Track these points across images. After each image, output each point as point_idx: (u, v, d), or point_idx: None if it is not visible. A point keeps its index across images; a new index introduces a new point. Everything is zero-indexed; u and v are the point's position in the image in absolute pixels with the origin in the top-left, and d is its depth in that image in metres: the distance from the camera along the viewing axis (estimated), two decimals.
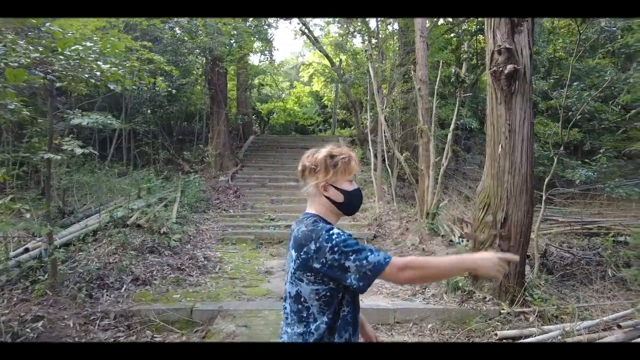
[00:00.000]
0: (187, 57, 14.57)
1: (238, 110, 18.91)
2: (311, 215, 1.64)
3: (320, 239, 1.48)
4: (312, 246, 1.49)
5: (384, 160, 11.91)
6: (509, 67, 5.08)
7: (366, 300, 5.08)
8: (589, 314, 4.69)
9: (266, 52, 19.69)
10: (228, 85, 18.31)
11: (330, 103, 23.93)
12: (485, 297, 4.98)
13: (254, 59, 20.89)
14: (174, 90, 12.42)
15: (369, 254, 1.46)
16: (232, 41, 14.58)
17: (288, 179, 12.76)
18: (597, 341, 3.76)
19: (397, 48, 15.38)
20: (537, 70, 12.18)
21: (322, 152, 1.65)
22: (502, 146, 5.20)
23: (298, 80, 24.94)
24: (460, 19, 16.53)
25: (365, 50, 11.48)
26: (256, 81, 20.55)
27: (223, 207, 11.15)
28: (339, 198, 1.64)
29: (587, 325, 4.09)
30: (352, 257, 1.45)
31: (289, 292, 1.58)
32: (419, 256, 1.51)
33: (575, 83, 6.93)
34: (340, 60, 19.27)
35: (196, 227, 9.42)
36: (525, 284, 5.08)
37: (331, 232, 1.50)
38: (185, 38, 13.52)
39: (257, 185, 12.63)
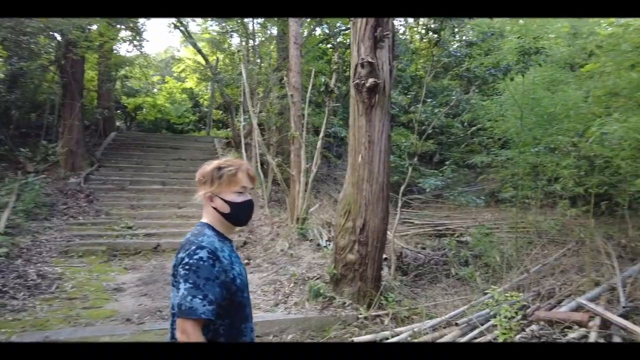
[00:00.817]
0: (35, 38, 12.44)
1: (99, 104, 16.86)
2: (202, 224, 1.70)
3: (188, 251, 1.54)
4: (181, 254, 1.56)
5: (261, 164, 11.73)
6: (370, 80, 5.31)
7: None
8: (435, 313, 5.11)
9: (135, 43, 17.96)
10: (88, 75, 16.20)
11: (205, 102, 22.92)
12: (345, 303, 5.11)
13: (121, 49, 18.89)
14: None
15: (200, 297, 1.48)
16: (90, 26, 12.90)
17: (152, 182, 11.73)
18: (439, 340, 4.07)
19: (275, 52, 15.38)
20: (402, 86, 13.29)
21: (213, 163, 1.71)
22: (362, 156, 5.41)
23: (171, 75, 23.34)
24: (336, 31, 17.32)
25: (239, 51, 11.18)
26: (121, 72, 18.59)
27: (71, 213, 9.71)
28: (225, 209, 1.69)
29: (432, 325, 4.43)
30: (187, 285, 1.49)
31: (173, 303, 1.56)
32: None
33: (429, 100, 7.67)
34: (217, 58, 18.57)
35: (33, 237, 8.01)
36: (382, 287, 5.35)
37: (197, 251, 1.54)
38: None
39: (116, 188, 11.33)
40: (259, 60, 15.01)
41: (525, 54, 6.28)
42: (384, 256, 6.00)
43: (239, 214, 1.73)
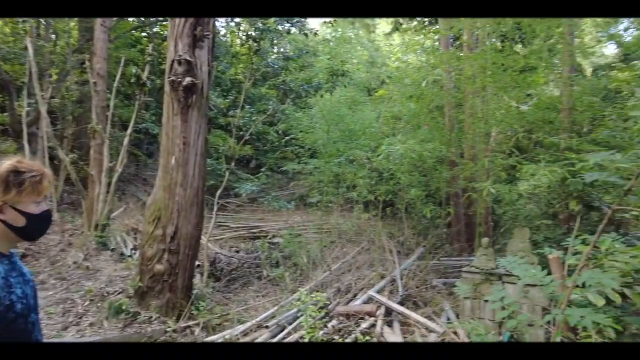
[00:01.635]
0: None
1: None
2: None
3: None
4: None
5: (51, 159, 9.86)
6: (188, 79, 5.05)
7: None
8: (247, 317, 5.16)
9: None
10: None
11: None
12: (152, 317, 4.70)
13: None
14: None
15: None
16: None
17: None
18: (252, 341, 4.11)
19: (76, 31, 13.21)
20: (221, 88, 13.12)
21: (4, 165, 1.38)
22: (175, 158, 5.10)
23: None
24: (152, 20, 15.97)
25: (24, 21, 9.22)
26: None
27: None
28: (19, 222, 1.40)
29: (243, 330, 4.45)
30: None
31: None
32: None
33: (248, 106, 7.78)
34: None
35: None
36: (192, 296, 5.13)
37: None
38: None
39: None
40: (53, 37, 12.68)
41: (334, 75, 6.98)
42: (197, 263, 5.79)
43: (37, 227, 1.46)
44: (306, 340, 3.76)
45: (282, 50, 8.97)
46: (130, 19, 15.27)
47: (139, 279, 4.94)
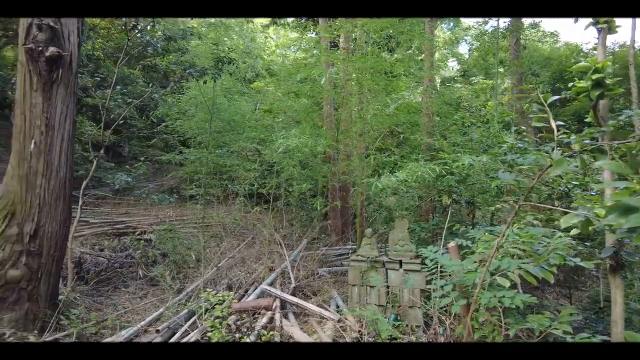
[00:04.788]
0: None
1: None
2: None
3: None
4: None
5: None
6: (52, 49, 4.29)
7: None
8: (128, 321, 4.65)
9: None
10: None
11: None
12: (5, 334, 3.89)
13: None
14: None
15: None
16: None
17: None
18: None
19: None
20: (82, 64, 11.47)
21: None
22: (35, 142, 4.30)
23: None
24: None
25: None
26: None
27: None
28: None
29: (129, 335, 4.00)
30: None
31: None
32: None
33: (118, 87, 6.91)
34: None
35: None
36: (60, 304, 4.41)
37: None
38: None
39: None
40: None
41: (220, 62, 6.66)
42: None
43: None
44: (214, 340, 3.55)
45: (163, 30, 8.18)
46: None
47: None
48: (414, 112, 8.21)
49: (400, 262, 4.93)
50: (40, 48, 4.25)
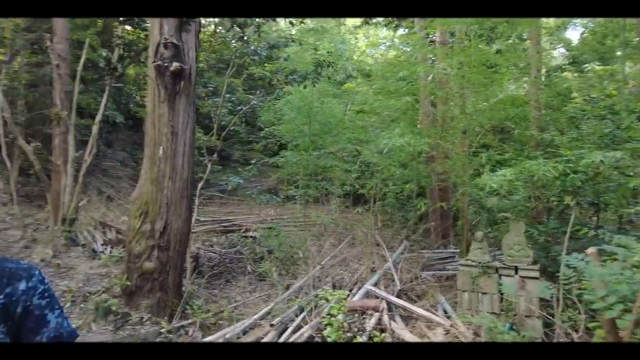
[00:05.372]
0: None
1: None
2: None
3: (34, 278, 1.15)
4: (22, 285, 1.12)
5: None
6: (175, 64, 4.74)
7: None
8: (241, 314, 4.97)
9: None
10: None
11: None
12: (143, 318, 4.41)
13: None
14: None
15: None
16: None
17: None
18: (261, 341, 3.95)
19: None
20: None
21: None
22: (163, 149, 4.79)
23: None
24: None
25: None
26: None
27: None
28: None
29: (244, 328, 4.27)
30: (57, 311, 1.18)
31: None
32: None
33: (228, 95, 7.46)
34: None
35: None
36: (184, 295, 4.87)
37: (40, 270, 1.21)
38: None
39: None
40: None
41: (319, 66, 6.82)
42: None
43: None
44: (332, 339, 3.64)
45: (266, 39, 8.69)
46: None
47: (126, 277, 4.61)
48: (521, 105, 7.59)
49: (516, 268, 4.58)
50: (166, 64, 4.72)
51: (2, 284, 1.09)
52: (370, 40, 24.40)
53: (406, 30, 12.62)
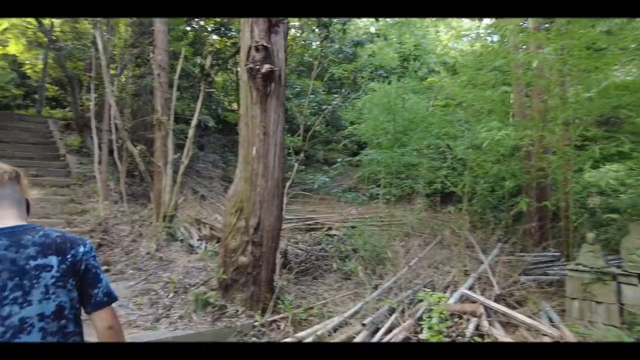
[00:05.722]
0: None
1: None
2: (38, 226, 1.50)
3: (88, 244, 1.52)
4: (82, 249, 1.49)
5: (111, 152, 10.09)
6: (266, 66, 4.88)
7: (93, 338, 3.85)
8: (330, 311, 4.98)
9: None
10: None
11: (35, 74, 18.99)
12: (238, 311, 4.61)
13: None
14: None
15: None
16: None
17: None
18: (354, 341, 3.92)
19: (123, 27, 13.45)
20: None
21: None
22: (256, 149, 4.96)
23: None
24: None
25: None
26: None
27: None
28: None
29: (334, 325, 4.26)
30: (103, 272, 1.54)
31: (41, 314, 1.36)
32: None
33: (312, 95, 7.58)
34: (52, 23, 15.47)
35: None
36: (276, 289, 5.00)
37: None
38: None
39: None
40: (111, 31, 12.98)
41: (405, 60, 6.62)
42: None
43: None
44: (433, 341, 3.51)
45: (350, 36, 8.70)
46: None
47: (222, 271, 4.85)
48: (637, 91, 6.70)
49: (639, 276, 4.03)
50: (257, 66, 4.88)
51: (68, 247, 1.45)
52: (453, 31, 23.32)
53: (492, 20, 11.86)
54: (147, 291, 5.27)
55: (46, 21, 14.98)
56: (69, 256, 1.44)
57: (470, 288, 5.01)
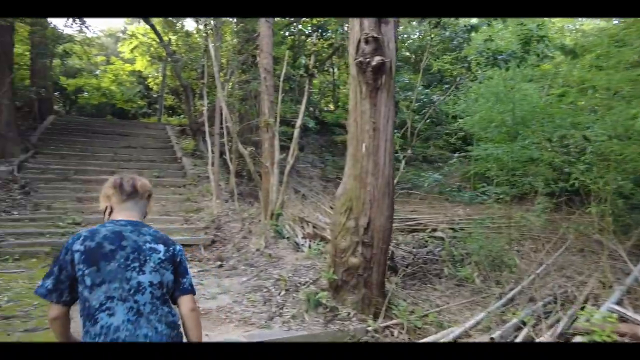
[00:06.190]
0: None
1: (32, 82, 14.89)
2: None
3: (179, 246, 1.95)
4: (178, 247, 1.93)
5: (221, 154, 10.74)
6: (377, 59, 4.65)
7: (214, 333, 4.00)
8: (446, 320, 4.61)
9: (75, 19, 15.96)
10: (18, 47, 14.21)
11: (156, 86, 21.22)
12: (349, 313, 4.46)
13: (58, 22, 16.74)
14: None
15: None
16: None
17: (101, 171, 10.36)
18: None
19: (237, 32, 14.24)
20: None
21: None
22: (365, 145, 4.77)
23: (117, 56, 21.31)
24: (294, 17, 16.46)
25: (205, 25, 10.07)
26: (61, 48, 16.49)
27: (3, 207, 8.28)
28: None
29: (455, 336, 3.90)
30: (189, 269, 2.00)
31: (150, 282, 1.77)
32: None
33: (419, 88, 7.18)
34: (170, 39, 17.09)
35: None
36: (389, 294, 4.76)
37: None
38: None
39: (57, 178, 9.89)
40: (219, 40, 13.90)
41: (527, 43, 5.91)
42: None
43: None
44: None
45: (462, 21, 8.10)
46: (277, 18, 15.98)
47: (332, 271, 4.75)
48: None
49: None
50: (367, 59, 4.68)
51: (170, 243, 1.89)
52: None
53: None
54: (259, 288, 5.39)
55: (165, 37, 16.60)
56: (170, 249, 1.88)
57: (619, 303, 4.24)
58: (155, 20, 16.41)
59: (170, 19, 16.46)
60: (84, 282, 1.69)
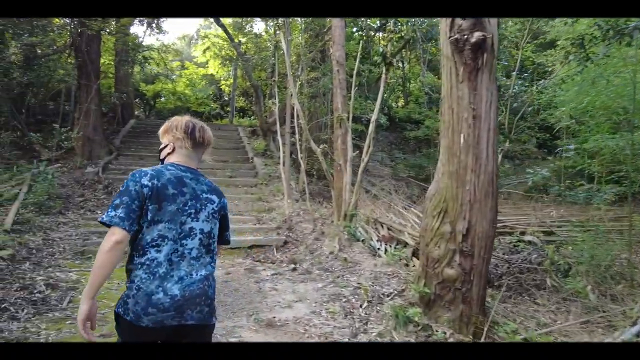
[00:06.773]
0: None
1: (116, 89, 15.78)
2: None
3: (225, 199, 2.08)
4: (225, 200, 2.06)
5: (291, 153, 10.47)
6: (477, 34, 3.95)
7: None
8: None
9: (153, 25, 16.72)
10: (104, 57, 15.10)
11: (227, 89, 21.72)
12: (446, 333, 3.81)
13: (137, 30, 17.63)
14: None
15: None
16: None
17: None
18: None
19: (305, 29, 13.96)
20: None
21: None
22: (464, 136, 4.07)
23: (190, 61, 22.13)
24: None
25: (276, 24, 9.83)
26: (141, 55, 17.36)
27: (89, 206, 8.62)
28: None
29: None
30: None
31: (201, 229, 1.88)
32: None
33: (514, 72, 6.28)
34: (240, 41, 17.31)
35: (44, 235, 6.92)
36: (491, 311, 4.04)
37: None
38: None
39: None
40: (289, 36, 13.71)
41: None
42: None
43: None
44: None
45: None
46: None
47: (423, 283, 4.13)
48: None
49: None
50: (465, 36, 4.00)
51: (221, 194, 2.04)
52: None
53: None
54: (338, 296, 4.89)
55: (236, 39, 16.82)
56: (221, 200, 2.01)
57: None
58: (225, 22, 16.71)
59: (239, 20, 16.70)
60: (146, 216, 1.76)
